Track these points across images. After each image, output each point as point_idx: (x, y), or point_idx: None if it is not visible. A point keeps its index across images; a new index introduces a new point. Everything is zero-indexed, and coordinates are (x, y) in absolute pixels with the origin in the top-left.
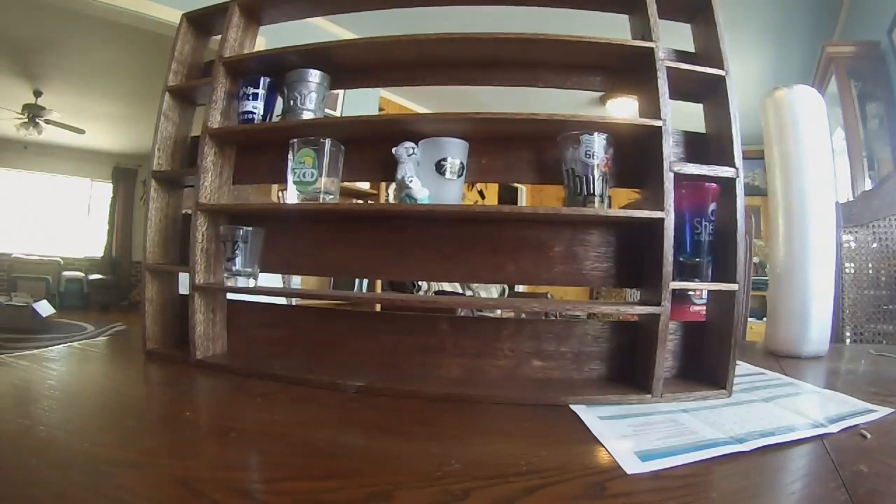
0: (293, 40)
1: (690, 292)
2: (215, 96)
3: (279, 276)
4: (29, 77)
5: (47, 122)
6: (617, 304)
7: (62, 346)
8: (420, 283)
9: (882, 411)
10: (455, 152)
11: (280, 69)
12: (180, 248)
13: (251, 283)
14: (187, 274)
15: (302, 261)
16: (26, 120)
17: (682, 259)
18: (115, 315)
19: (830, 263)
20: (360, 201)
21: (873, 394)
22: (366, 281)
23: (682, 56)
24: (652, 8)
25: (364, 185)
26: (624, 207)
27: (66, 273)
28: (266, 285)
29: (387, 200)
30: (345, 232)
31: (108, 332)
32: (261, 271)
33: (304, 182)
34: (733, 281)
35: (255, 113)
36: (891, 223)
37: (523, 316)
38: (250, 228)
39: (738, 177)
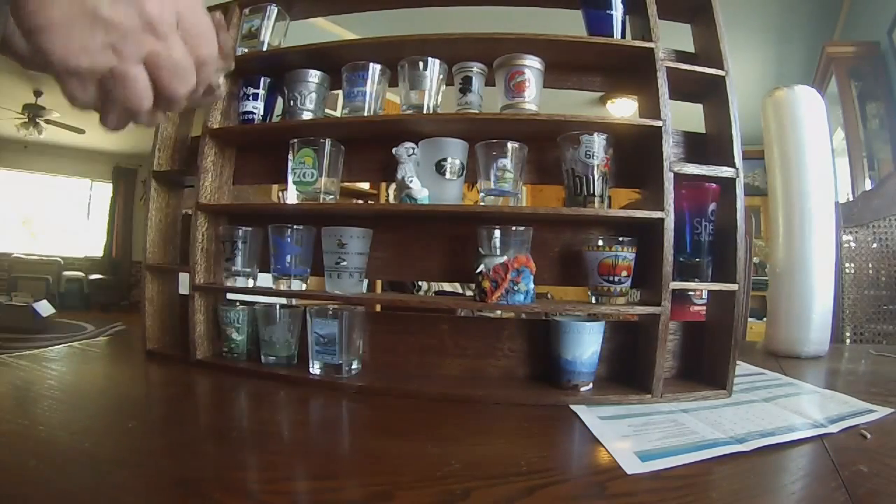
0: (293, 40)
1: (690, 292)
2: None
3: None
4: (29, 77)
5: (47, 122)
6: (617, 305)
7: (62, 346)
8: (420, 283)
9: (882, 411)
10: (455, 152)
11: (280, 69)
12: (180, 248)
13: (250, 283)
14: (187, 274)
15: None
16: (26, 120)
17: (682, 259)
18: (115, 315)
19: (830, 263)
20: (360, 201)
21: (873, 394)
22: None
23: (682, 56)
24: (652, 8)
25: (364, 185)
26: (624, 207)
27: (66, 273)
28: (265, 285)
29: (387, 200)
30: None
31: (108, 332)
32: (260, 271)
33: (304, 182)
34: (733, 281)
35: (255, 113)
36: (891, 223)
37: (523, 316)
38: (250, 229)
39: (738, 177)
